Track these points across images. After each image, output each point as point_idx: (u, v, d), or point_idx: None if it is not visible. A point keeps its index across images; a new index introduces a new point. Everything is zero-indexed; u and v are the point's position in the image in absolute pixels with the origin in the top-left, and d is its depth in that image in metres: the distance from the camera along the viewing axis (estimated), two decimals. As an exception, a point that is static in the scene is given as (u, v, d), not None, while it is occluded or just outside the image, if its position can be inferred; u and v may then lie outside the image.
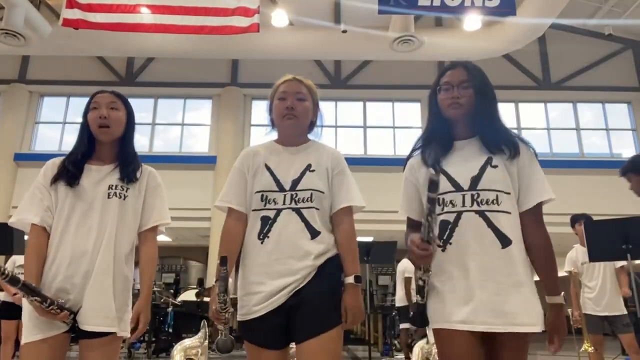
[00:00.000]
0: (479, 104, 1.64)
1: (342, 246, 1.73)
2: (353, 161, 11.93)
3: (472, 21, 9.74)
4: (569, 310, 4.62)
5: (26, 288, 1.57)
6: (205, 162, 11.80)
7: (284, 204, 1.69)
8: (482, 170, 1.59)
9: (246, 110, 12.51)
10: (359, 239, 1.85)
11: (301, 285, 1.64)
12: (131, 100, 1.96)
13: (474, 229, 1.54)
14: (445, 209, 1.59)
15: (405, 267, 6.02)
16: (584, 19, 11.76)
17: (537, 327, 1.49)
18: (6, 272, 1.49)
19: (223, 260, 1.59)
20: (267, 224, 1.69)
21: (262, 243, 1.68)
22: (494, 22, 10.25)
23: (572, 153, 12.23)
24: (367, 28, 10.05)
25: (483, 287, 1.50)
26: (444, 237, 1.57)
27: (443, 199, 1.59)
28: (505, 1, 7.38)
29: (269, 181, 1.73)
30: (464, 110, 1.64)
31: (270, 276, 1.65)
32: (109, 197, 1.77)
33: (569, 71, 12.51)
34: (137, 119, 1.95)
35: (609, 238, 3.70)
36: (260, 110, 12.76)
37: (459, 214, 1.57)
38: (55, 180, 1.77)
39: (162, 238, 6.26)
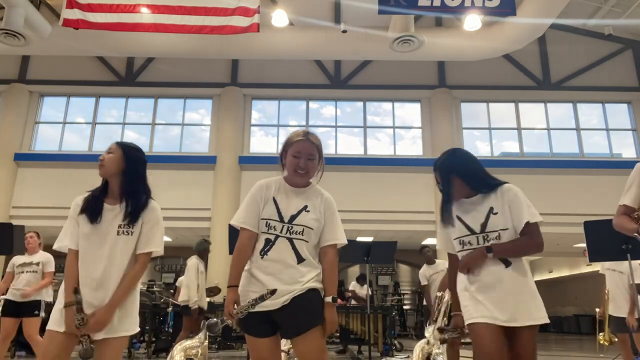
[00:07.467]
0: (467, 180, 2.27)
1: (326, 272, 2.16)
2: (353, 161, 12.00)
3: (472, 21, 9.74)
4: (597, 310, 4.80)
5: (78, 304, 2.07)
6: (205, 162, 11.80)
7: (281, 232, 2.12)
8: (487, 217, 2.21)
9: (246, 110, 12.49)
10: (359, 238, 2.00)
11: (286, 303, 2.03)
12: (131, 100, 2.00)
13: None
14: (465, 247, 2.24)
15: (422, 273, 6.16)
16: (584, 19, 11.78)
17: (546, 319, 2.11)
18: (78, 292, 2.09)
19: (261, 298, 1.97)
20: (267, 244, 2.12)
21: (262, 259, 2.11)
22: (494, 22, 10.26)
23: (572, 153, 12.24)
24: (367, 28, 10.06)
25: (503, 294, 2.13)
26: None
27: (462, 240, 2.25)
28: (505, 1, 7.39)
29: (273, 212, 2.15)
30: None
31: (263, 289, 2.03)
32: (117, 234, 2.19)
33: (569, 71, 12.52)
34: (137, 119, 2.04)
35: (609, 238, 3.69)
36: (260, 110, 12.81)
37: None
38: (81, 213, 2.21)
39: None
